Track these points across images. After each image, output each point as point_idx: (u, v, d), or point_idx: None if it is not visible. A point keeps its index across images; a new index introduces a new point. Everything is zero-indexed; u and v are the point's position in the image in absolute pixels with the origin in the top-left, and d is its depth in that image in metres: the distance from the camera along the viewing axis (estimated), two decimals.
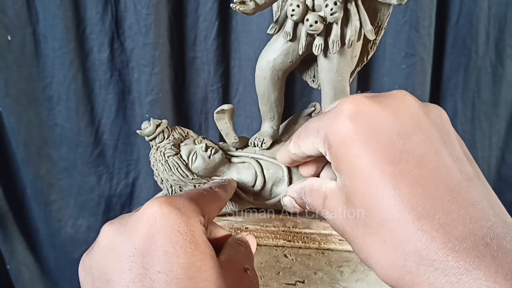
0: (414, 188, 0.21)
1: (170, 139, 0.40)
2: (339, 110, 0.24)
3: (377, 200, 0.21)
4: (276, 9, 0.40)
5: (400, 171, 0.21)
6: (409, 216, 0.20)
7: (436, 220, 0.20)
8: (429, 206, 0.20)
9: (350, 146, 0.23)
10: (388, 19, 0.40)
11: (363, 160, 0.22)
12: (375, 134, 0.22)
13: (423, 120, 0.23)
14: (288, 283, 0.37)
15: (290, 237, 0.42)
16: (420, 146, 0.22)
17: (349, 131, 0.23)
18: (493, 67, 0.77)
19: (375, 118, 0.23)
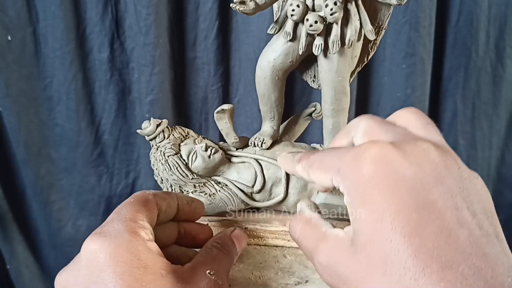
0: (438, 238, 0.21)
1: (170, 139, 0.40)
2: (364, 152, 0.23)
3: (401, 247, 0.21)
4: (276, 9, 0.40)
5: (424, 220, 0.21)
6: (433, 265, 0.20)
7: (459, 272, 0.20)
8: (452, 257, 0.20)
9: (374, 191, 0.23)
10: (388, 19, 0.40)
11: (388, 205, 0.22)
12: (399, 181, 0.22)
13: (443, 173, 0.23)
14: (287, 283, 0.37)
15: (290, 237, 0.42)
16: (441, 198, 0.22)
17: (374, 176, 0.23)
18: (493, 67, 0.77)
19: (399, 165, 0.23)
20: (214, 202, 0.41)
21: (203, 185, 0.41)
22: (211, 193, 0.41)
